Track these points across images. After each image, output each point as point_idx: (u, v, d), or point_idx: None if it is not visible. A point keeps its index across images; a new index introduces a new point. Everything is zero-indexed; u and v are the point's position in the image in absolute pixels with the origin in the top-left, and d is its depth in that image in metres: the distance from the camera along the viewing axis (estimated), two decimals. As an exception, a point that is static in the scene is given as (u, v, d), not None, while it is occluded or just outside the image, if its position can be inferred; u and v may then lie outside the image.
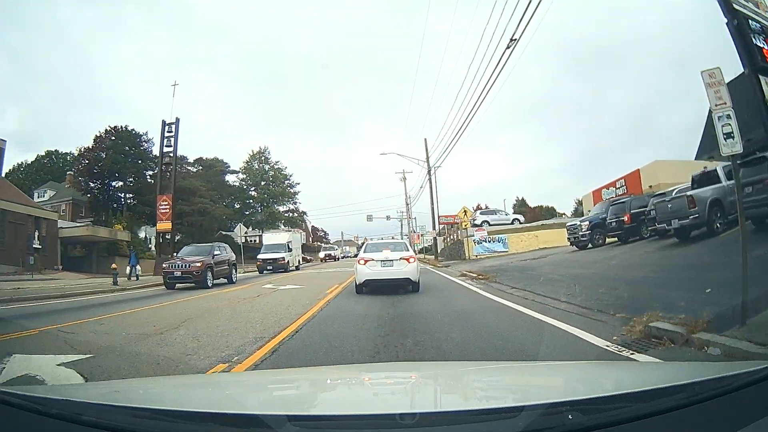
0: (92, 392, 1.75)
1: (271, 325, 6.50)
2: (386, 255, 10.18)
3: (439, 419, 1.19)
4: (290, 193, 52.82)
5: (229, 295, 11.87)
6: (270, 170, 51.94)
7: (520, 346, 4.63)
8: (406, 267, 9.95)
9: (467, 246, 24.28)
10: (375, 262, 10.06)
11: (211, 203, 40.77)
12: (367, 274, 9.95)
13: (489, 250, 24.52)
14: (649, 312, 4.82)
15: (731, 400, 1.19)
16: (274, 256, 24.93)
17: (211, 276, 15.29)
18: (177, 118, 26.28)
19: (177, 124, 26.27)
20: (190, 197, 40.29)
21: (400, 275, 9.86)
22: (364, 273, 9.99)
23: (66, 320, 7.64)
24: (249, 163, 51.66)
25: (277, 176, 51.76)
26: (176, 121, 26.25)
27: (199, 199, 40.04)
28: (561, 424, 1.11)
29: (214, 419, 1.19)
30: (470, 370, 2.26)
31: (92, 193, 40.56)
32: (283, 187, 51.74)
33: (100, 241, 31.62)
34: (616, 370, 2.25)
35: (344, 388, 1.96)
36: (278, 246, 26.14)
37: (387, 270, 9.94)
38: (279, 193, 51.13)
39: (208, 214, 40.12)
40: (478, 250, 24.38)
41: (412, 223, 46.63)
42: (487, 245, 24.70)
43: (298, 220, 55.54)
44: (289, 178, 52.92)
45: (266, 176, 51.26)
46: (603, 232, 17.33)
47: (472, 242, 24.43)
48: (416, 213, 57.93)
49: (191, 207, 39.66)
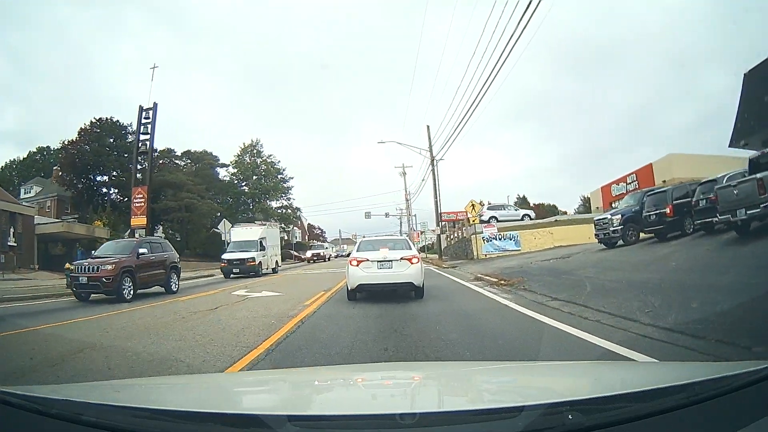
0: (92, 392, 1.76)
1: (197, 365, 4.50)
2: (384, 254, 8.85)
3: (440, 419, 1.19)
4: (283, 188, 50.45)
5: (167, 308, 9.49)
6: (262, 164, 49.47)
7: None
8: (408, 269, 8.71)
9: (475, 244, 22.01)
10: (371, 263, 8.76)
11: (198, 198, 38.14)
12: (361, 278, 8.72)
13: (499, 249, 22.26)
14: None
15: (731, 400, 1.20)
16: (242, 256, 20.94)
17: (131, 284, 11.54)
18: (155, 103, 24.46)
19: (155, 109, 24.05)
20: (176, 192, 37.92)
21: (400, 279, 8.68)
22: (358, 276, 8.76)
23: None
24: (240, 157, 49.20)
25: (269, 170, 49.70)
26: (154, 107, 24.07)
27: (187, 194, 37.81)
28: (561, 424, 1.11)
29: (214, 419, 1.20)
30: (470, 371, 2.28)
31: (76, 188, 39.44)
32: (275, 181, 49.28)
33: (79, 239, 30.34)
34: (616, 370, 2.25)
35: (344, 388, 1.96)
36: (248, 243, 22.06)
37: (385, 273, 8.70)
38: (271, 187, 48.64)
39: (196, 210, 37.40)
40: (487, 249, 22.20)
41: (412, 221, 44.20)
42: (497, 243, 22.47)
43: (292, 216, 53.17)
44: (282, 172, 51.09)
45: (258, 170, 48.55)
46: (637, 227, 15.47)
47: (480, 240, 21.85)
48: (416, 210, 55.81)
49: (177, 202, 37.45)
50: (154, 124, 24.96)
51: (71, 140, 39.22)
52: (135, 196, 24.16)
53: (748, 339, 3.94)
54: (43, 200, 41.48)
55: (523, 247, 23.06)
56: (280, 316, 7.43)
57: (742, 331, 4.18)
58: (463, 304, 8.18)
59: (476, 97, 15.22)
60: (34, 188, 44.07)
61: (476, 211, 22.33)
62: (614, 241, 15.60)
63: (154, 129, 25.08)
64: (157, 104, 25.20)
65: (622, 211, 15.88)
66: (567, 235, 23.16)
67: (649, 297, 6.26)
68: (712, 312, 4.99)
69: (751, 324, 4.34)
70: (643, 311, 5.61)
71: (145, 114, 25.19)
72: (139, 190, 24.12)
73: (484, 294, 9.40)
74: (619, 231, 15.46)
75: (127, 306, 10.16)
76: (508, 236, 23.51)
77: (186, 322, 7.29)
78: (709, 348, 3.96)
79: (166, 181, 39.58)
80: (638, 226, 15.11)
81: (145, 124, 25.17)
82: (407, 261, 8.72)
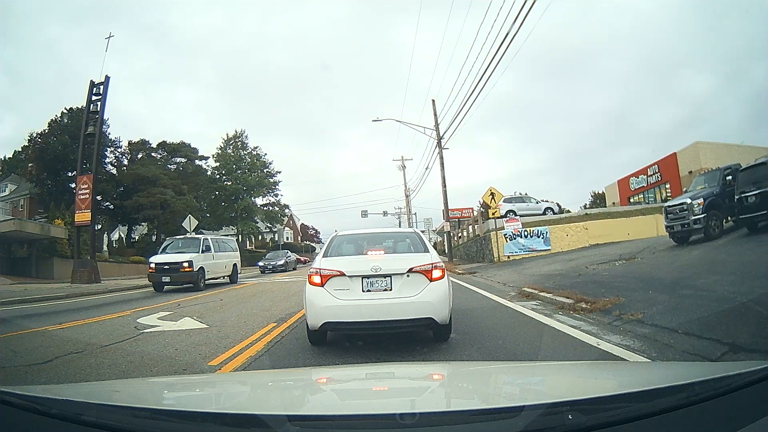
0: (92, 392, 1.83)
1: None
2: (376, 262, 5.02)
3: (440, 419, 1.23)
4: (270, 183, 46.16)
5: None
6: (247, 156, 45.25)
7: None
8: (424, 291, 4.86)
9: (495, 243, 18.28)
10: (349, 281, 4.93)
11: (175, 195, 34.26)
12: (331, 309, 4.89)
13: (525, 249, 18.89)
14: None
15: (731, 400, 1.23)
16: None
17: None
18: (107, 77, 22.26)
19: (106, 84, 20.65)
20: (148, 187, 33.88)
21: (408, 311, 4.79)
22: (323, 305, 4.93)
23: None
24: (223, 149, 45.19)
25: (254, 163, 45.46)
26: (105, 80, 20.89)
27: (160, 189, 33.65)
28: (561, 424, 1.15)
29: (214, 419, 1.23)
30: (470, 371, 2.34)
31: (44, 184, 37.15)
32: (261, 176, 45.05)
33: (38, 239, 28.27)
34: (616, 370, 2.29)
35: (344, 388, 1.99)
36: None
37: (378, 300, 4.85)
38: (257, 182, 44.47)
39: (169, 207, 33.40)
40: (510, 249, 18.99)
41: (412, 220, 40.79)
42: (522, 242, 19.04)
43: (279, 214, 48.95)
44: (268, 165, 46.69)
45: (242, 164, 44.42)
46: (720, 215, 12.60)
47: (502, 237, 17.99)
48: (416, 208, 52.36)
49: (149, 199, 33.51)
50: (105, 101, 21.27)
51: (40, 132, 37.24)
52: (80, 186, 20.20)
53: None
54: (17, 199, 40.10)
55: (553, 246, 19.22)
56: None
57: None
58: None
59: (483, 74, 14.61)
60: (9, 186, 42.46)
61: (497, 201, 18.36)
62: (688, 235, 12.93)
63: (104, 106, 21.43)
64: (109, 78, 22.02)
65: (704, 194, 11.99)
66: (604, 231, 19.76)
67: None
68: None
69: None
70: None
71: (96, 90, 21.21)
72: (84, 179, 20.24)
73: (567, 334, 5.42)
74: (701, 221, 11.65)
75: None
76: (536, 233, 20.16)
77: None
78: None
79: (138, 175, 36.08)
80: (721, 214, 12.53)
81: (95, 101, 21.18)
82: (422, 275, 4.92)
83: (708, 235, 12.27)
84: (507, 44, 12.44)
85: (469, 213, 37.93)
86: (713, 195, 12.54)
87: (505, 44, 12.50)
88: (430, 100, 29.30)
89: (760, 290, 6.14)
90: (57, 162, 36.04)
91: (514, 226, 20.01)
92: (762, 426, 1.13)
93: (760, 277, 6.96)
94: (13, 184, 43.04)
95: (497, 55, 13.17)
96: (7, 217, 33.00)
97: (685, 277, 7.98)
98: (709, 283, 7.06)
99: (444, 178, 24.35)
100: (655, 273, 9.19)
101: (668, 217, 13.25)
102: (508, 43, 12.36)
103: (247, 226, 47.40)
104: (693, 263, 9.64)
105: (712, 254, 10.30)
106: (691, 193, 13.43)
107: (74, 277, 19.81)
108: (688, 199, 12.67)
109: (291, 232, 65.04)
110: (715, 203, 12.41)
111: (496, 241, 19.74)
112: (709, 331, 4.74)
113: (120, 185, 38.77)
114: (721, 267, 8.54)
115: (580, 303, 6.82)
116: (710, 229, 12.29)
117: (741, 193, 11.42)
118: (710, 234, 12.26)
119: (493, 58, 13.47)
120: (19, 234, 28.52)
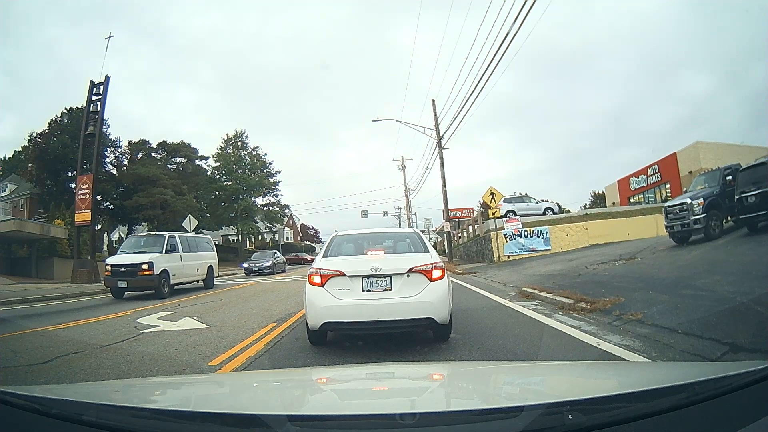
0: (92, 392, 1.83)
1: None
2: (376, 262, 5.09)
3: (440, 419, 1.23)
4: (269, 183, 46.16)
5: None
6: (247, 156, 45.30)
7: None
8: (424, 291, 4.94)
9: (495, 243, 18.27)
10: (349, 281, 4.99)
11: (174, 195, 34.34)
12: (331, 309, 4.95)
13: (525, 249, 18.90)
14: None
15: (731, 400, 1.22)
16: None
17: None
18: (107, 77, 21.89)
19: (106, 84, 20.65)
20: (148, 187, 33.94)
21: (408, 311, 4.86)
22: (324, 305, 4.99)
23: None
24: (223, 150, 45.20)
25: (254, 163, 45.59)
26: (106, 80, 20.85)
27: (160, 189, 33.71)
28: (561, 424, 1.15)
29: (214, 419, 1.23)
30: (470, 371, 2.34)
31: (44, 184, 37.29)
32: (261, 176, 45.10)
33: (38, 239, 28.36)
34: (616, 370, 2.29)
35: (344, 388, 1.99)
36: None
37: (378, 300, 4.90)
38: (256, 182, 44.49)
39: (169, 207, 33.44)
40: (510, 249, 19.01)
41: (412, 220, 40.78)
42: (522, 242, 19.07)
43: (279, 214, 49.00)
44: (268, 165, 46.79)
45: (242, 164, 44.49)
46: (720, 214, 12.66)
47: (502, 237, 18.01)
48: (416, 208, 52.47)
49: (149, 199, 33.57)
50: (105, 101, 21.34)
51: (40, 132, 37.30)
52: (80, 186, 20.27)
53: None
54: (17, 199, 40.19)
55: (553, 246, 19.28)
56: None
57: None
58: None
59: (483, 74, 14.71)
60: (9, 186, 42.57)
61: (497, 201, 18.39)
62: (688, 235, 13.02)
63: (104, 106, 21.51)
64: (109, 78, 22.09)
65: (704, 194, 12.00)
66: (604, 231, 19.80)
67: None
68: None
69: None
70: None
71: (96, 90, 21.24)
72: (84, 179, 20.31)
73: (567, 334, 5.44)
74: (701, 221, 11.66)
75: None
76: (536, 233, 20.37)
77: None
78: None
79: (138, 175, 36.12)
80: (721, 214, 12.61)
81: (95, 101, 21.23)
82: (422, 275, 4.99)
83: (708, 235, 12.40)
84: (507, 44, 12.57)
85: (469, 213, 38.08)
86: (713, 195, 12.66)
87: (505, 44, 12.64)
88: (430, 100, 29.54)
89: (760, 290, 6.19)
90: (57, 162, 36.14)
91: (514, 226, 20.27)
92: (762, 426, 1.13)
93: (760, 277, 7.01)
94: (13, 184, 43.21)
95: (497, 55, 13.31)
96: (7, 217, 33.09)
97: (685, 277, 8.03)
98: (709, 283, 7.10)
99: (444, 178, 24.69)
100: (655, 273, 9.25)
101: (668, 217, 13.38)
102: (508, 43, 12.48)
103: (247, 226, 47.47)
104: (693, 263, 9.68)
105: (712, 254, 10.38)
106: (691, 193, 13.56)
107: (74, 277, 19.97)
108: (688, 199, 12.80)
109: (291, 232, 65.30)
110: (715, 203, 12.52)
111: (496, 241, 19.96)
112: (709, 331, 4.78)
113: (120, 185, 38.91)
114: (721, 267, 8.58)
115: (580, 303, 6.89)
116: (710, 229, 12.42)
117: (741, 193, 11.52)
118: (710, 234, 12.38)
119: (493, 58, 13.63)
120: (19, 234, 28.57)
